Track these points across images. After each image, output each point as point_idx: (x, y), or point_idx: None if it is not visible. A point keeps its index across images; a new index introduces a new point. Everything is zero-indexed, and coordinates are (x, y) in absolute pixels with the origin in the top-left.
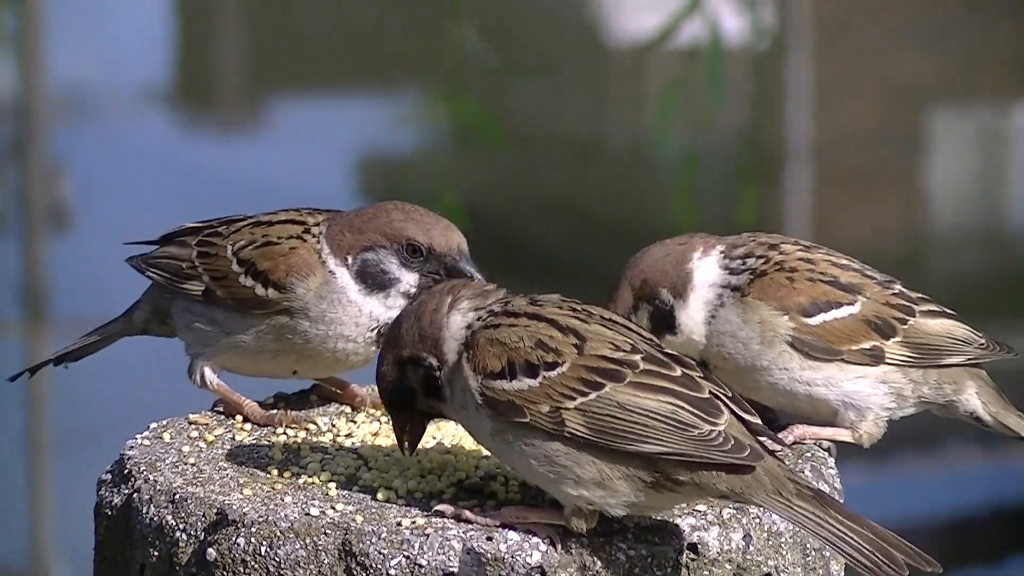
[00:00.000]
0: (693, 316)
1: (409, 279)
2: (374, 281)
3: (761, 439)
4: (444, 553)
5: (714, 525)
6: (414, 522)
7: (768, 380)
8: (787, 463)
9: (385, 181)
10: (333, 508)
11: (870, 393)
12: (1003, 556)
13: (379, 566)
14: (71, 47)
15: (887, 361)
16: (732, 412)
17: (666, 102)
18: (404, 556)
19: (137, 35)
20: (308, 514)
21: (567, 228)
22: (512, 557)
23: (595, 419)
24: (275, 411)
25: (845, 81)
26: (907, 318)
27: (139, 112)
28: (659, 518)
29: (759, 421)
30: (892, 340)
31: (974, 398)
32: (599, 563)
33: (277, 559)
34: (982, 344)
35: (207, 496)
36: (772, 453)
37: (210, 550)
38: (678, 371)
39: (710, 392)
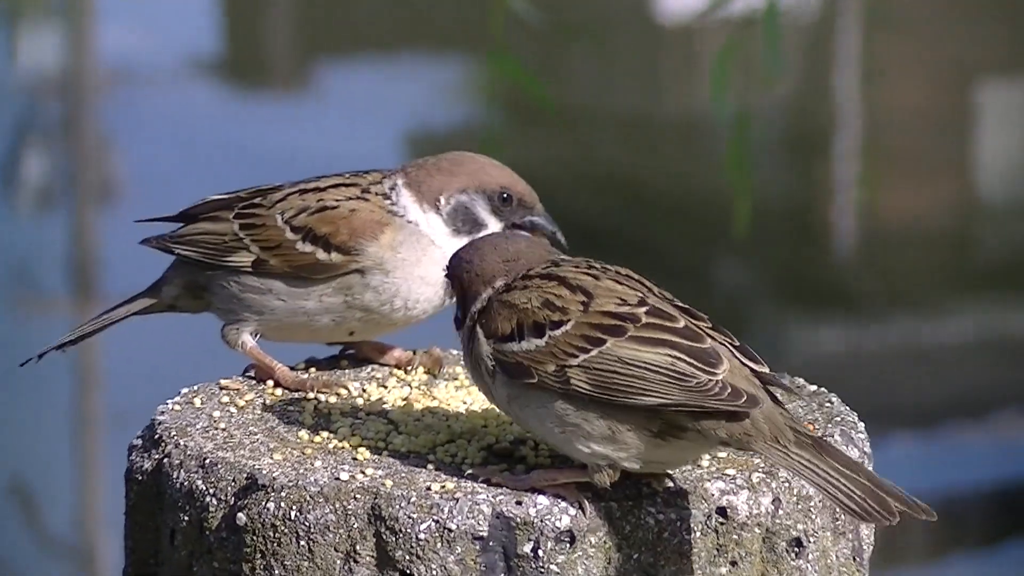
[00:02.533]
0: None
1: (496, 227)
2: (463, 224)
3: (769, 388)
4: (473, 517)
5: (743, 489)
6: (443, 486)
7: None
8: (810, 420)
9: (436, 151)
10: (363, 472)
11: None
12: None
13: (408, 530)
14: (119, 20)
15: None
16: (741, 362)
17: (721, 65)
18: (434, 520)
19: (185, 6)
20: (338, 479)
21: (617, 202)
22: (541, 521)
23: (597, 375)
24: (306, 376)
25: (893, 57)
26: None
27: (188, 84)
28: (686, 484)
29: (767, 370)
30: None
31: None
32: (628, 527)
33: (307, 523)
34: None
35: (237, 461)
36: (778, 402)
37: (240, 515)
38: (681, 323)
39: (713, 342)
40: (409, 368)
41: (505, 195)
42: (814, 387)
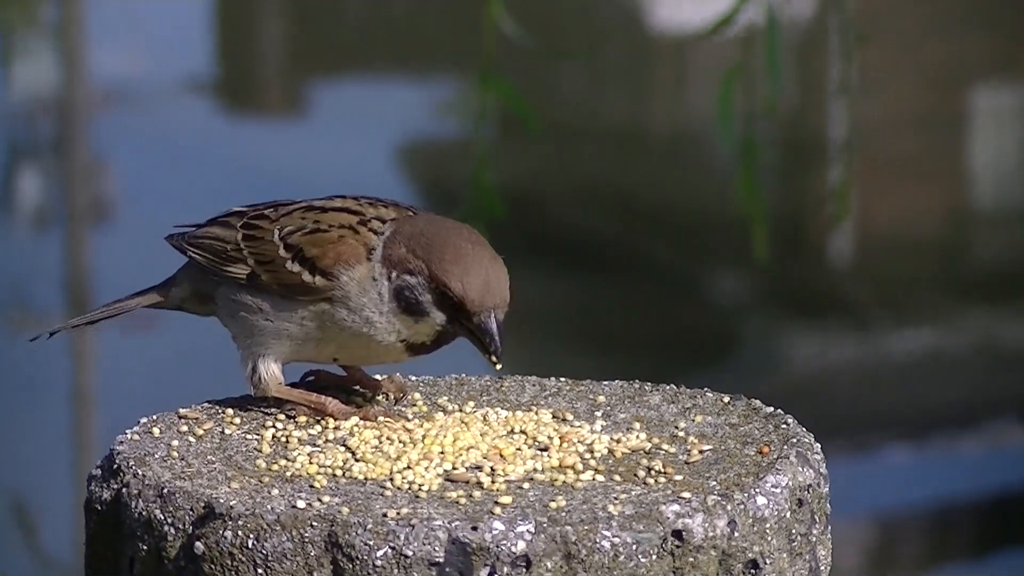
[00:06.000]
0: None
1: (438, 317)
2: (407, 304)
3: None
4: (429, 543)
5: (699, 512)
6: (399, 513)
7: None
8: (771, 448)
9: (427, 168)
10: (320, 500)
11: None
12: None
13: (365, 557)
14: (112, 40)
15: None
16: None
17: (727, 88)
18: (390, 547)
19: (178, 26)
20: (295, 507)
21: (608, 216)
22: (497, 547)
23: None
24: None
25: (885, 65)
26: None
27: (181, 104)
28: (642, 508)
29: None
30: None
31: None
32: (584, 551)
33: (264, 551)
34: None
35: (195, 490)
36: None
37: (198, 543)
38: None
39: None
40: (370, 394)
41: (444, 295)
42: (770, 408)
